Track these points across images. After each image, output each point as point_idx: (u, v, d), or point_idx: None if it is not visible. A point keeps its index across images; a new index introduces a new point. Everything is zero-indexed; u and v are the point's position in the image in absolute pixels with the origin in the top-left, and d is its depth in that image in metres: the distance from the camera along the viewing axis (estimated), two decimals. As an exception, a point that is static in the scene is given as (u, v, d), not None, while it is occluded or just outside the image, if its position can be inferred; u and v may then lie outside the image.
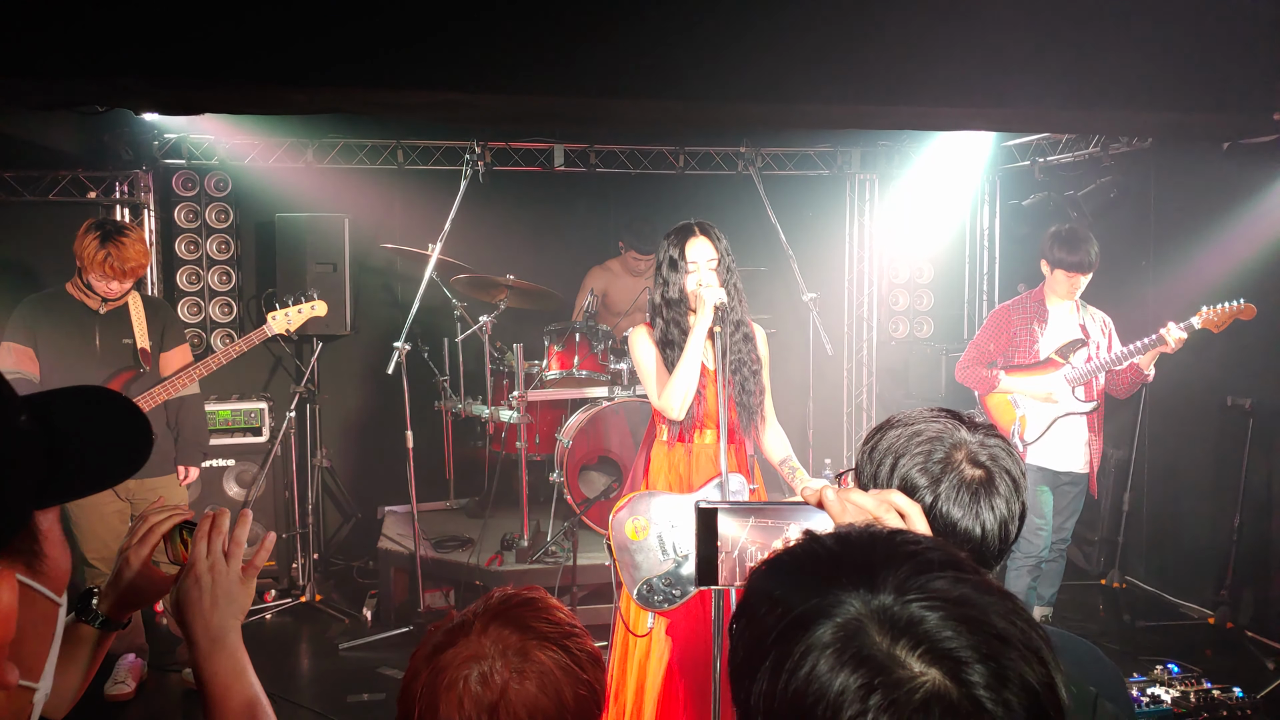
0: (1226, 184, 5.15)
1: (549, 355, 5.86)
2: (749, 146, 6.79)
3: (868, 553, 0.86)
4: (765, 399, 3.63)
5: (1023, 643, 0.78)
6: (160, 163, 6.40)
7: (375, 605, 5.70)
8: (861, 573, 0.83)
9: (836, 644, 0.78)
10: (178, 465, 4.68)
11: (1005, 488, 1.52)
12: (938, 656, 0.76)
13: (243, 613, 1.51)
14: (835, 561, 0.86)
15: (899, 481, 1.53)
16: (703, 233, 3.48)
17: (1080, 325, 4.81)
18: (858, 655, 0.77)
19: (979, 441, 1.55)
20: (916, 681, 0.75)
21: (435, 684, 1.29)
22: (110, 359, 4.46)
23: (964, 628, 0.78)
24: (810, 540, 0.90)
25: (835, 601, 0.81)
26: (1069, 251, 4.69)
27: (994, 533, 1.51)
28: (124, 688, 4.63)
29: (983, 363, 4.87)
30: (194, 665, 1.47)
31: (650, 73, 4.06)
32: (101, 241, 4.25)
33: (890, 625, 0.78)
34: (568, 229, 7.09)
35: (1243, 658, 4.91)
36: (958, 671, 0.76)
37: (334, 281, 6.15)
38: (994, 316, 4.98)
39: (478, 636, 1.32)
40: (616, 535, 3.27)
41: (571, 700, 1.30)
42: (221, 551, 1.50)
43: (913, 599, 0.80)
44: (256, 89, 4.03)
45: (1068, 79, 4.27)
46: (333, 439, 6.74)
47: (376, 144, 6.54)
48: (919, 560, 0.84)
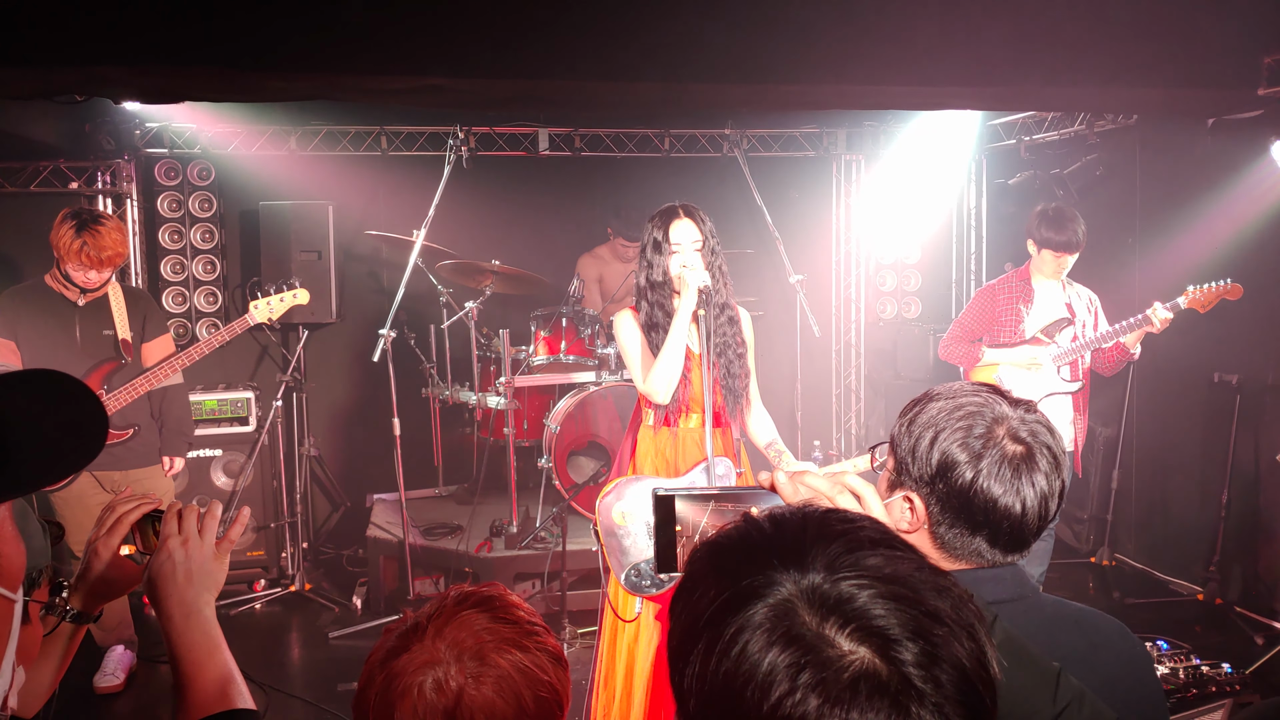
0: (1211, 161, 5.15)
1: (536, 341, 5.84)
2: (734, 129, 6.76)
3: (799, 532, 0.85)
4: (750, 382, 3.62)
5: (954, 619, 0.78)
6: (142, 152, 6.35)
7: (365, 593, 5.70)
8: (792, 552, 0.82)
9: (767, 624, 0.78)
10: (163, 456, 4.66)
11: (1046, 464, 1.51)
12: (867, 634, 0.76)
13: (217, 588, 1.49)
14: (768, 542, 0.86)
15: (938, 456, 1.52)
16: (687, 214, 3.46)
17: (1066, 304, 4.78)
18: (787, 635, 0.77)
19: (1020, 417, 1.54)
20: (845, 660, 0.75)
21: (389, 692, 1.25)
22: (91, 350, 4.43)
23: (894, 605, 0.77)
24: (746, 522, 0.90)
25: (767, 582, 0.81)
26: (1056, 231, 4.66)
27: (1034, 509, 1.50)
28: (114, 680, 4.61)
29: (966, 340, 4.86)
30: (167, 641, 1.44)
31: (634, 55, 4.03)
32: (77, 231, 4.22)
33: (820, 604, 0.78)
34: (553, 213, 7.05)
35: (1231, 633, 4.94)
36: (887, 649, 0.75)
37: (319, 269, 6.12)
38: (979, 296, 4.96)
39: (432, 641, 1.28)
40: (603, 521, 3.26)
41: (532, 703, 1.27)
42: (195, 527, 1.48)
43: (843, 577, 0.79)
44: (235, 76, 3.98)
45: (1051, 56, 4.25)
46: (320, 427, 6.71)
47: (360, 131, 6.50)
48: (850, 538, 0.83)
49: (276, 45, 3.81)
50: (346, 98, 4.61)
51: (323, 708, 4.38)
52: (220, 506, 1.54)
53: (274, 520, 5.98)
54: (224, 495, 5.73)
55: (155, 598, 1.45)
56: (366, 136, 6.51)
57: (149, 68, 3.83)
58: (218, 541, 1.50)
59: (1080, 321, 4.76)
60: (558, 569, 5.09)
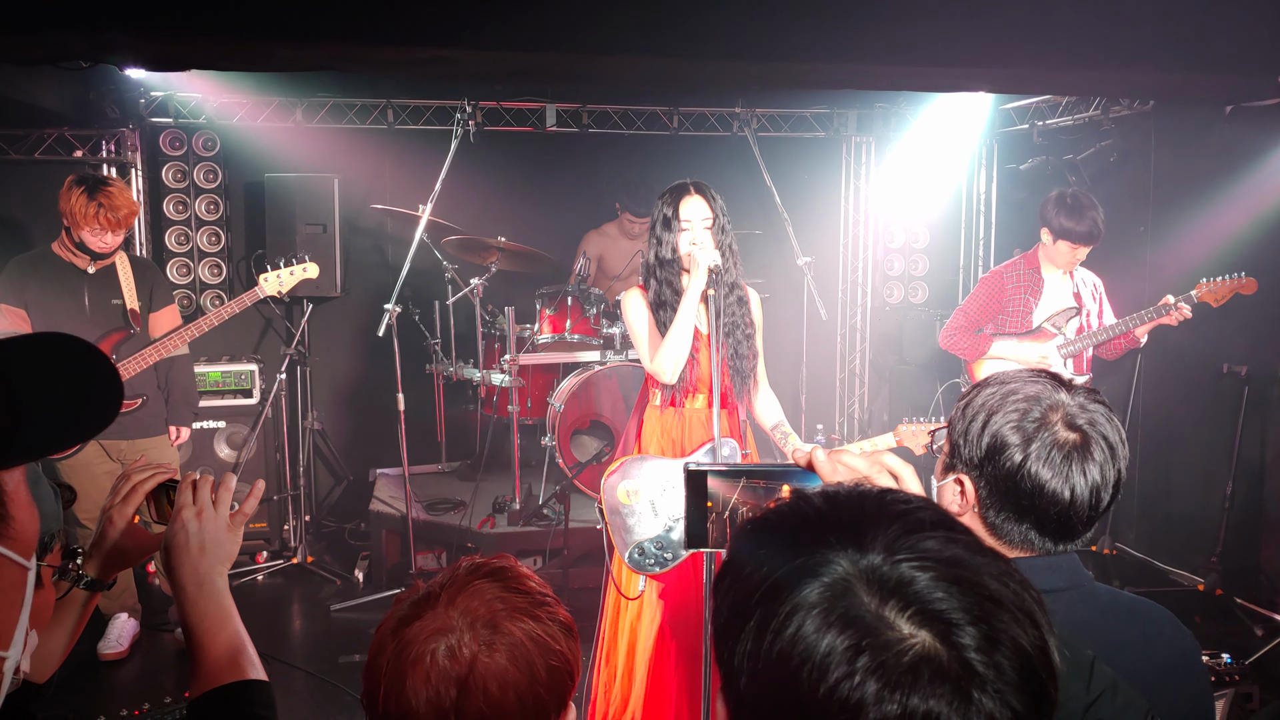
0: (1229, 148, 5.09)
1: (541, 319, 5.82)
2: (744, 107, 6.71)
3: (856, 512, 0.84)
4: (758, 363, 3.60)
5: (1015, 605, 0.76)
6: (147, 121, 6.31)
7: (367, 567, 5.71)
8: (850, 532, 0.81)
9: (823, 604, 0.76)
10: (169, 426, 4.66)
11: (1101, 453, 1.49)
12: (928, 618, 0.74)
13: (230, 560, 1.50)
14: (822, 520, 0.84)
15: (989, 438, 1.51)
16: (698, 192, 3.42)
17: (1074, 293, 4.68)
18: (845, 616, 0.75)
19: (1079, 404, 1.52)
20: (906, 643, 0.73)
21: (401, 659, 1.24)
22: (100, 320, 4.42)
23: (955, 589, 0.76)
24: (797, 499, 0.88)
25: (822, 561, 0.79)
26: (1075, 220, 4.45)
27: (1084, 498, 1.48)
28: (117, 647, 4.64)
29: (970, 329, 4.75)
30: (180, 612, 1.45)
31: (644, 29, 3.99)
32: (90, 194, 4.20)
33: (879, 585, 0.76)
34: (559, 190, 7.01)
35: (1232, 624, 4.93)
36: (948, 633, 0.74)
37: (324, 242, 6.09)
38: (985, 282, 4.82)
39: (445, 609, 1.27)
40: (608, 499, 3.25)
41: (544, 672, 1.26)
42: (209, 499, 1.49)
43: (903, 559, 0.78)
44: (242, 44, 3.95)
45: (1068, 38, 4.20)
46: (324, 401, 6.71)
47: (366, 103, 6.46)
48: (909, 519, 0.82)
49: (285, 13, 3.77)
50: (354, 68, 4.58)
51: (324, 679, 4.39)
52: (234, 479, 1.54)
53: (276, 493, 5.98)
54: (227, 467, 5.73)
55: (169, 568, 1.46)
56: (373, 109, 6.47)
57: (155, 33, 3.80)
58: (231, 514, 1.51)
59: (1086, 310, 4.68)
60: (559, 546, 5.09)
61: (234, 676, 1.41)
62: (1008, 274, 4.75)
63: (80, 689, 4.35)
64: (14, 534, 1.11)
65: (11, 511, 1.09)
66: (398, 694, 1.23)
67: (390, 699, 1.24)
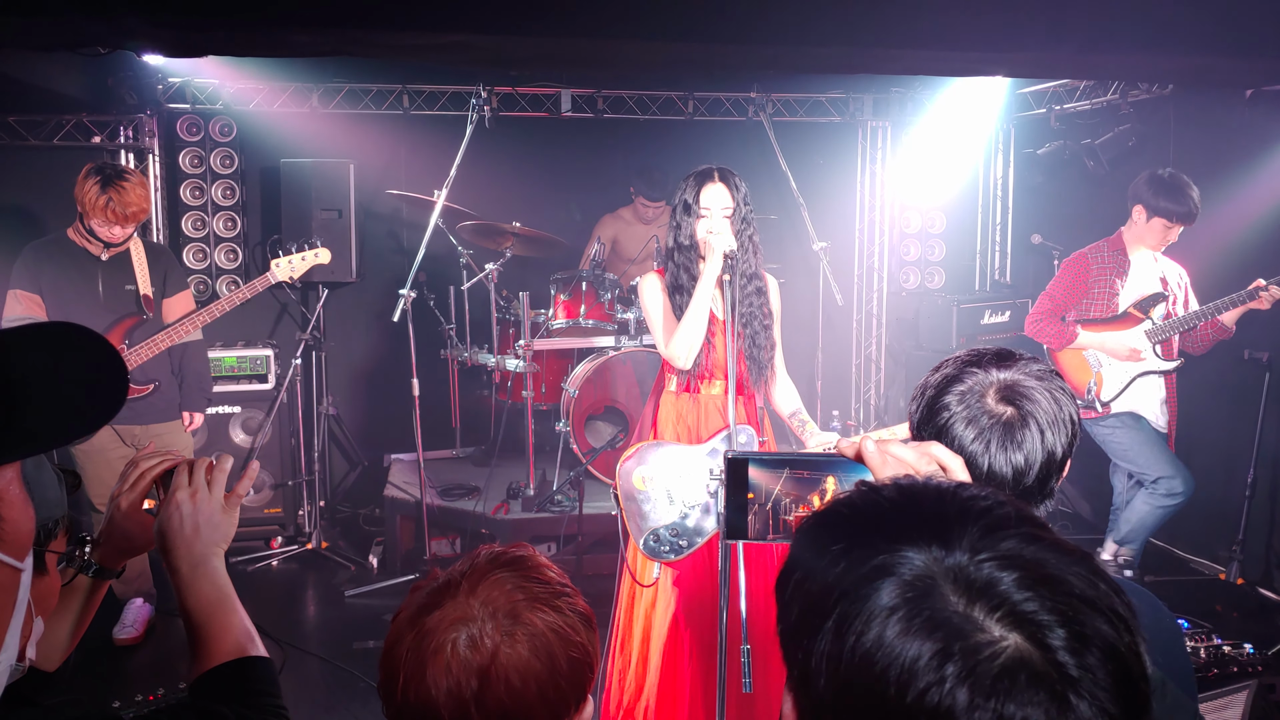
0: (1249, 132, 5.03)
1: (555, 304, 5.81)
2: (759, 92, 6.66)
3: (937, 507, 0.80)
4: (776, 352, 3.58)
5: (1105, 606, 0.73)
6: (164, 107, 6.32)
7: (381, 553, 5.72)
8: (932, 528, 0.77)
9: (907, 605, 0.73)
10: (183, 411, 4.67)
11: (1029, 435, 1.47)
12: (1018, 620, 0.71)
13: (226, 541, 1.49)
14: (901, 515, 0.80)
15: (928, 405, 1.53)
16: (721, 179, 3.39)
17: (1160, 278, 4.58)
18: (932, 619, 0.72)
19: (1016, 380, 1.51)
20: (998, 646, 0.70)
21: (421, 649, 1.24)
22: (114, 305, 4.43)
23: (1043, 589, 0.72)
24: (867, 492, 0.84)
25: (903, 559, 0.75)
26: (1175, 200, 4.40)
27: (1004, 474, 1.47)
28: (132, 632, 4.67)
29: (1056, 315, 4.64)
30: (177, 593, 1.45)
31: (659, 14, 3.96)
32: (103, 186, 4.21)
33: (966, 586, 0.73)
34: (574, 175, 7.00)
35: (1254, 613, 4.90)
36: (1039, 635, 0.70)
37: (339, 228, 6.09)
38: (1069, 265, 4.73)
39: (465, 598, 1.26)
40: (624, 485, 3.24)
41: (564, 663, 1.26)
42: (204, 480, 1.48)
43: (987, 558, 0.74)
44: (260, 30, 3.95)
45: (1086, 22, 4.14)
46: (339, 386, 6.72)
47: (382, 89, 6.45)
48: (992, 516, 0.78)
49: None
50: (370, 53, 4.56)
51: (338, 665, 4.41)
52: (230, 460, 1.52)
53: (291, 478, 6.00)
54: (242, 452, 5.75)
55: (164, 550, 1.46)
56: (388, 95, 6.46)
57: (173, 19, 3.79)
58: (226, 495, 1.50)
59: (1172, 297, 4.58)
60: (574, 532, 5.09)
61: (234, 655, 1.41)
62: (1092, 255, 4.67)
63: (95, 673, 4.38)
64: (5, 535, 1.10)
65: (3, 512, 1.08)
66: (418, 683, 1.23)
67: (410, 688, 1.23)
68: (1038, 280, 6.37)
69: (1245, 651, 3.62)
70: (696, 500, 3.23)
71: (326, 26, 3.90)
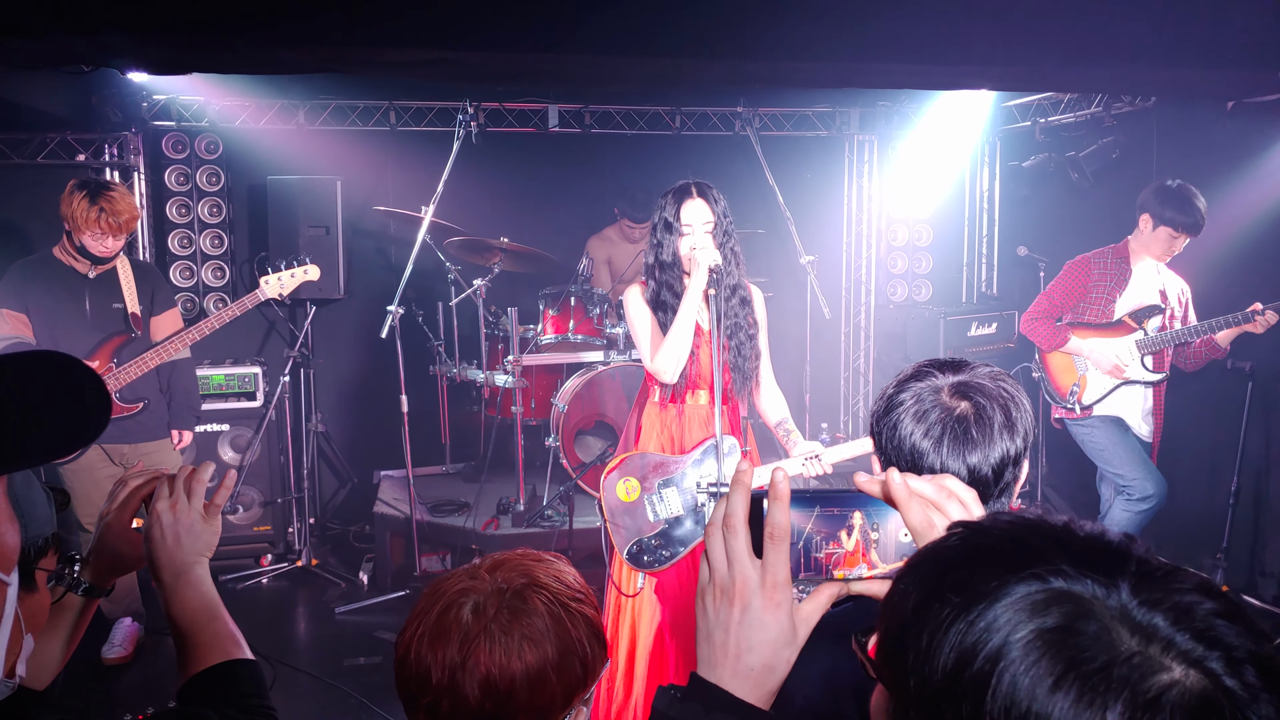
0: (1231, 144, 5.07)
1: (544, 319, 5.82)
2: (746, 107, 6.70)
3: (1084, 542, 0.76)
4: (761, 362, 3.59)
5: (1237, 616, 0.71)
6: (149, 124, 6.32)
7: (371, 569, 5.70)
8: (1090, 566, 0.73)
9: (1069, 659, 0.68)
10: (171, 429, 4.66)
11: (982, 434, 1.48)
12: (1185, 656, 0.68)
13: (209, 550, 1.50)
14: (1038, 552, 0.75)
15: (885, 401, 1.55)
16: (700, 194, 3.40)
17: (1160, 290, 4.62)
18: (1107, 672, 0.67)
19: (969, 381, 1.52)
20: (1181, 686, 0.66)
21: (430, 610, 1.33)
22: (101, 324, 4.42)
23: (1186, 618, 0.70)
24: (976, 533, 0.79)
25: (1056, 600, 0.71)
26: (1181, 211, 4.42)
27: (959, 471, 1.47)
28: (121, 651, 4.64)
29: (1053, 316, 4.67)
30: (162, 603, 1.46)
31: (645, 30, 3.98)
32: (92, 199, 4.20)
33: (1134, 627, 0.69)
34: (562, 190, 7.01)
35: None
36: (1206, 666, 0.68)
37: (327, 245, 6.09)
38: (1070, 269, 4.75)
39: (482, 573, 1.38)
40: (607, 497, 3.25)
41: (557, 654, 1.32)
42: (184, 491, 1.49)
43: (1146, 599, 0.71)
44: (245, 47, 3.96)
45: (1069, 35, 4.18)
46: (327, 403, 6.71)
47: (369, 105, 6.46)
48: (1134, 556, 0.75)
49: (286, 16, 3.77)
50: (356, 70, 4.58)
51: (329, 682, 4.39)
52: (209, 469, 1.53)
53: (281, 496, 5.98)
54: (231, 470, 5.73)
55: (148, 562, 1.47)
56: (375, 111, 6.47)
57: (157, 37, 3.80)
58: (205, 505, 1.50)
59: (1170, 310, 4.61)
60: (564, 547, 5.08)
61: (220, 659, 1.42)
62: (1095, 261, 4.70)
63: (83, 693, 4.35)
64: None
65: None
66: (419, 644, 1.32)
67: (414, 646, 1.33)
68: (1024, 292, 6.41)
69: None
70: (680, 511, 3.23)
71: (312, 43, 3.91)
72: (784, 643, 0.97)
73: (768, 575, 0.97)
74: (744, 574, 0.97)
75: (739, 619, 0.97)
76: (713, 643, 0.98)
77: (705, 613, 1.00)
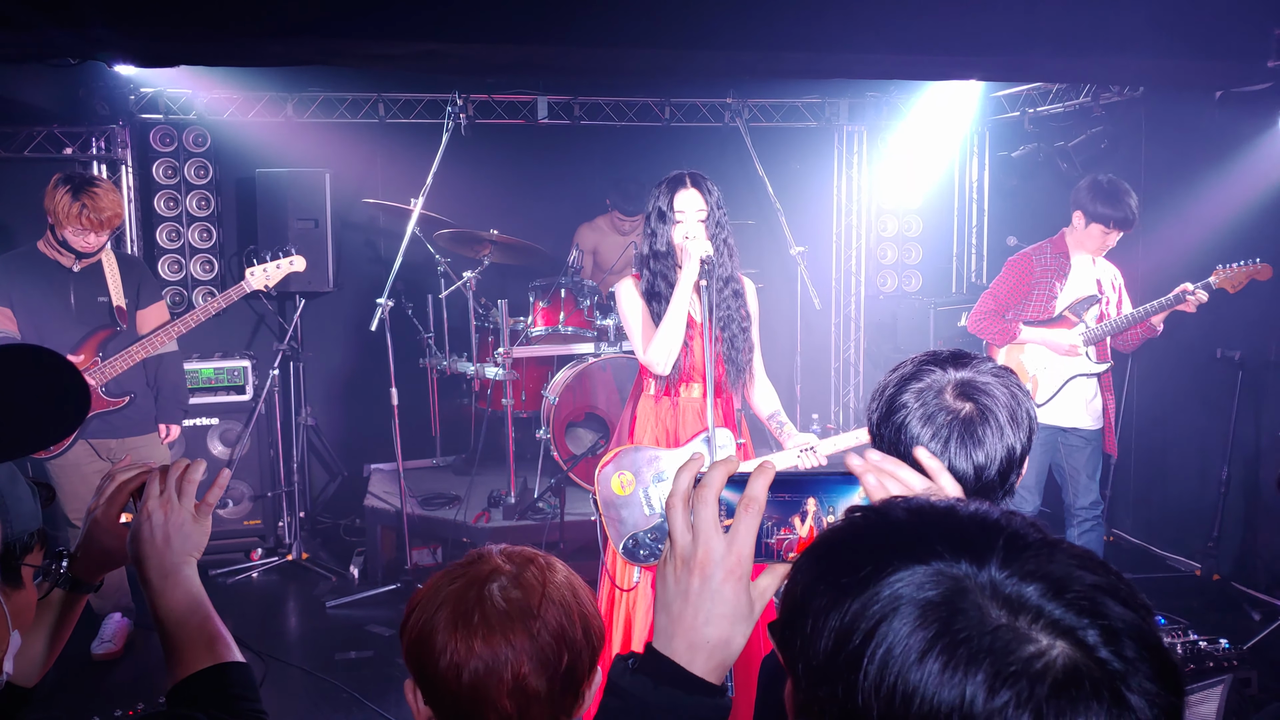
0: (1219, 134, 5.09)
1: (534, 311, 5.81)
2: (736, 98, 6.69)
3: (958, 523, 0.77)
4: (754, 354, 3.59)
5: (1118, 590, 0.71)
6: (137, 118, 6.28)
7: (362, 563, 5.69)
8: (960, 545, 0.74)
9: (941, 629, 0.69)
10: (159, 423, 4.64)
11: (990, 432, 1.48)
12: (1055, 626, 0.68)
13: (198, 549, 1.47)
14: (918, 534, 0.77)
15: (886, 403, 1.54)
16: (694, 184, 3.41)
17: (1096, 280, 4.67)
18: (971, 645, 0.68)
19: (972, 379, 1.52)
20: (1048, 657, 0.67)
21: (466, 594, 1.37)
22: (86, 317, 4.40)
23: (1063, 591, 0.71)
24: (872, 513, 0.81)
25: (933, 578, 0.72)
26: (1112, 206, 4.48)
27: (965, 471, 1.47)
28: (111, 647, 4.62)
29: (999, 314, 4.70)
30: (150, 604, 1.43)
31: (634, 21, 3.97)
32: (74, 194, 4.17)
33: (1004, 600, 0.70)
34: (551, 182, 7.00)
35: (1229, 609, 4.94)
36: (1078, 636, 0.68)
37: (316, 237, 6.06)
38: (1013, 265, 4.79)
39: (493, 558, 1.43)
40: (602, 490, 3.25)
41: (579, 619, 1.39)
42: (174, 489, 1.46)
43: (1013, 572, 0.72)
44: (232, 40, 3.94)
45: (1057, 25, 4.19)
46: (317, 397, 6.69)
47: (357, 97, 6.43)
48: (1011, 530, 0.76)
49: (274, 8, 3.75)
50: (345, 62, 4.55)
51: (320, 676, 4.38)
52: (200, 468, 1.50)
53: (271, 489, 5.97)
54: (220, 464, 5.71)
55: (136, 561, 1.44)
56: (364, 103, 6.44)
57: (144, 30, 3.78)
58: (196, 504, 1.48)
59: (1106, 299, 4.66)
60: (555, 540, 5.08)
61: (210, 662, 1.40)
62: (1036, 256, 4.73)
63: (73, 689, 4.34)
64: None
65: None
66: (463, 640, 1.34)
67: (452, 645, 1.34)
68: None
69: (1221, 647, 3.65)
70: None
71: (299, 36, 3.89)
72: (741, 616, 0.98)
73: (733, 547, 0.98)
74: (708, 545, 0.98)
75: (698, 589, 0.98)
76: (670, 613, 0.99)
77: (665, 583, 1.00)
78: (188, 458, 4.52)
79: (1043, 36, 4.23)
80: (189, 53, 4.13)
